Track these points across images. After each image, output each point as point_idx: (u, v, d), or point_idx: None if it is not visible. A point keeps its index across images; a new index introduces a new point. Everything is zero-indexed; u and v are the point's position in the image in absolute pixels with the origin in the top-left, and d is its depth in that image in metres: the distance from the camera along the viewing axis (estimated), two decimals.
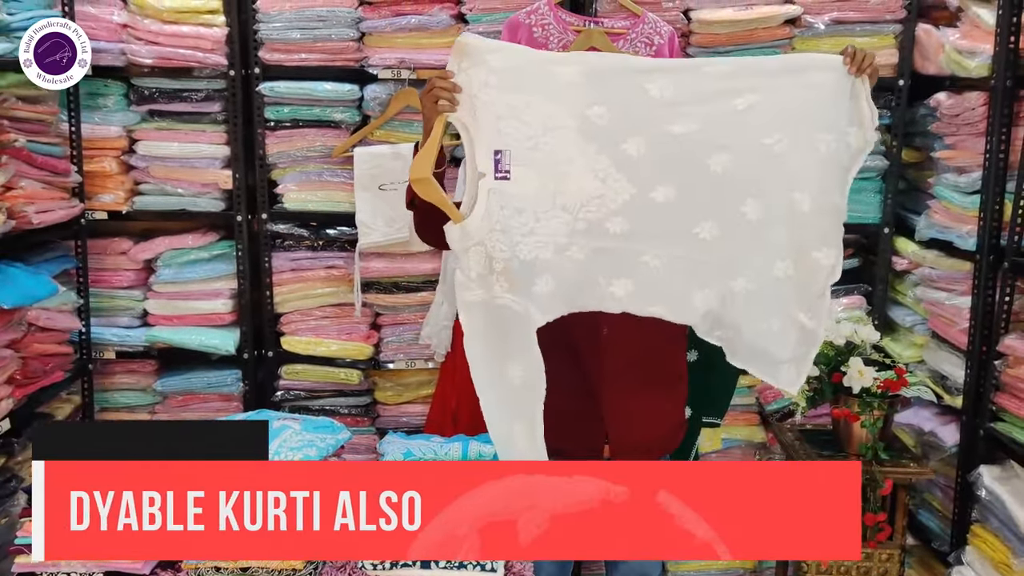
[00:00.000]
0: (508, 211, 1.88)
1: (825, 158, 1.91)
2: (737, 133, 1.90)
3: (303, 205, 3.07)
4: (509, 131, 1.88)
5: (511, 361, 1.91)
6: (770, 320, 1.97)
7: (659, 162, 1.91)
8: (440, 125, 1.86)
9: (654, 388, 2.15)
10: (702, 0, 2.90)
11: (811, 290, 1.97)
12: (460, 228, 1.87)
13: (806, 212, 1.93)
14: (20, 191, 2.61)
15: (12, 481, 2.58)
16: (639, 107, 1.89)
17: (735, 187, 1.92)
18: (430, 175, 1.82)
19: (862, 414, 2.48)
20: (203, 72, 2.96)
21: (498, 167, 1.88)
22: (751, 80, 1.91)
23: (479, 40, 1.88)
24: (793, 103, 1.91)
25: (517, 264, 1.89)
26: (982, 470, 2.60)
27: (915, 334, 3.01)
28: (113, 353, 3.12)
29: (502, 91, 1.87)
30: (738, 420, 3.16)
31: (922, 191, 3.03)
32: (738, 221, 1.93)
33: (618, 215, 1.92)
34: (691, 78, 1.92)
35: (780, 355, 1.99)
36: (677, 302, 1.97)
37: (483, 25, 2.92)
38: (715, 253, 1.94)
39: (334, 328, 3.13)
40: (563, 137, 1.89)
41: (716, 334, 1.99)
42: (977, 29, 2.66)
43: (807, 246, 1.95)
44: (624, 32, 2.49)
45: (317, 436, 1.99)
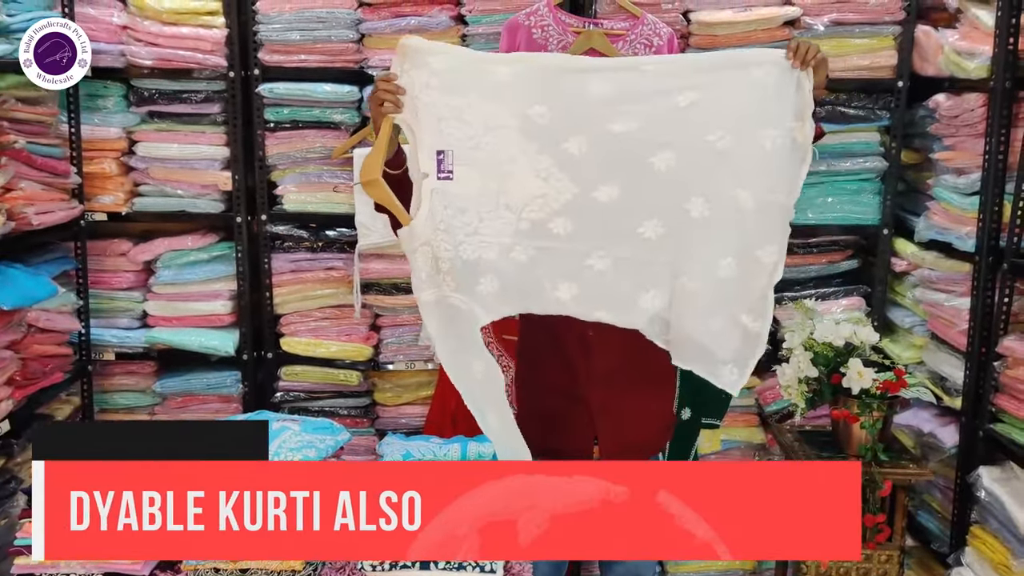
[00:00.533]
0: (451, 211, 1.90)
1: (770, 154, 1.89)
2: (679, 131, 1.90)
3: (303, 206, 3.07)
4: (451, 131, 1.90)
5: (472, 356, 1.94)
6: (713, 319, 1.95)
7: (601, 161, 1.91)
8: (387, 127, 1.88)
9: (642, 388, 2.16)
10: (701, 2, 2.91)
11: (754, 290, 1.94)
12: (408, 230, 1.89)
13: (750, 210, 1.91)
14: (20, 192, 2.61)
15: (11, 482, 2.58)
16: (580, 106, 1.90)
17: (679, 185, 1.91)
18: (378, 177, 1.85)
19: (861, 415, 2.48)
20: (203, 73, 2.96)
21: (440, 167, 1.90)
22: (693, 77, 1.90)
23: (420, 42, 1.89)
24: (736, 99, 1.89)
25: (460, 264, 1.91)
26: (981, 471, 2.60)
27: (914, 335, 3.01)
28: (112, 354, 3.13)
29: (443, 92, 1.88)
30: (737, 421, 3.16)
31: (921, 192, 3.03)
32: (682, 219, 1.92)
33: (561, 215, 1.93)
34: (632, 76, 1.91)
35: (722, 355, 1.96)
36: (622, 306, 1.97)
37: (482, 26, 2.92)
38: (660, 252, 1.94)
39: (333, 329, 3.13)
40: (505, 137, 1.91)
41: (664, 338, 1.98)
42: (976, 30, 2.66)
43: (751, 245, 1.93)
44: (623, 33, 2.49)
45: (316, 437, 1.98)
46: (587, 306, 1.97)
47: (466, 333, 1.95)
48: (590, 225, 1.93)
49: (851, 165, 2.98)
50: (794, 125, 1.88)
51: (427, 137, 1.89)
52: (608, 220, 1.93)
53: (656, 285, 1.96)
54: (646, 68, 1.93)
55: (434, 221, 1.89)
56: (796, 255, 3.10)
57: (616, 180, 1.92)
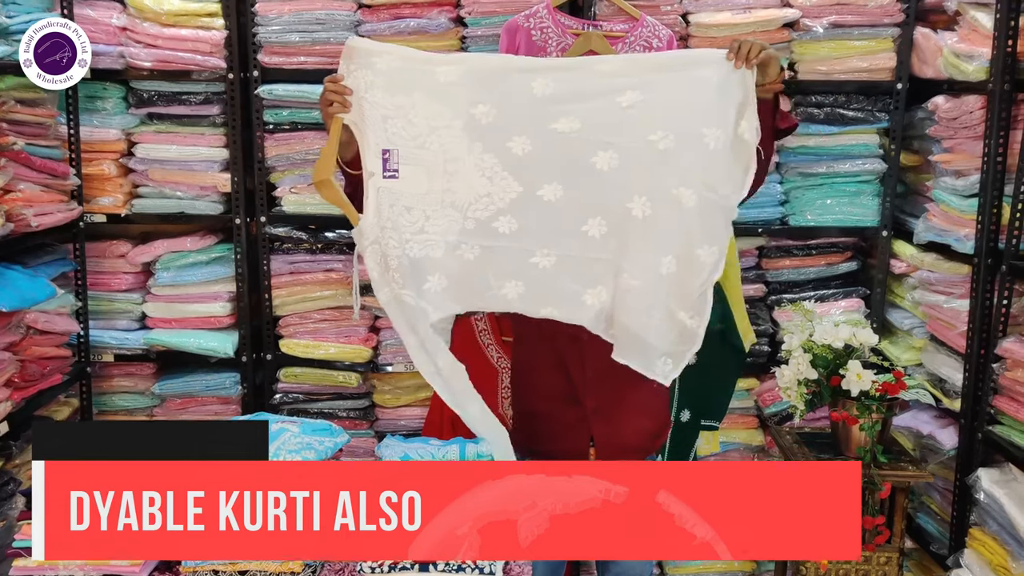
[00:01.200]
0: (397, 209, 1.93)
1: (713, 153, 1.91)
2: (621, 130, 1.92)
3: (302, 208, 3.07)
4: (396, 130, 1.92)
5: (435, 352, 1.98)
6: (652, 315, 1.98)
7: (545, 160, 1.94)
8: (336, 127, 1.90)
9: (637, 390, 2.16)
10: (700, 4, 2.91)
11: (693, 288, 1.97)
12: (358, 229, 1.93)
13: (691, 208, 1.94)
14: (19, 194, 2.61)
15: (10, 484, 2.57)
16: (523, 105, 1.92)
17: (621, 184, 1.94)
18: (329, 177, 1.89)
19: (861, 417, 2.48)
20: (202, 75, 2.96)
21: (386, 166, 1.92)
22: (635, 77, 1.93)
23: (365, 42, 1.93)
24: (678, 99, 1.92)
25: (408, 262, 1.94)
26: (980, 473, 2.59)
27: (913, 337, 3.01)
28: (111, 356, 3.12)
29: (387, 92, 1.91)
30: (736, 423, 3.16)
31: (920, 194, 3.03)
32: (625, 218, 1.95)
33: (506, 214, 1.95)
34: (574, 76, 1.94)
35: (658, 347, 1.99)
36: (568, 302, 2.00)
37: (482, 28, 2.92)
38: (603, 250, 1.97)
39: (332, 331, 3.13)
40: (450, 136, 1.93)
41: (610, 332, 2.01)
42: (975, 33, 2.66)
43: (691, 243, 1.96)
44: (623, 35, 2.49)
45: (315, 439, 1.98)
46: (533, 303, 2.00)
47: (421, 330, 1.97)
48: (535, 224, 1.96)
49: (850, 167, 2.99)
50: (740, 123, 1.91)
51: (372, 136, 1.92)
52: (552, 219, 1.96)
53: (600, 282, 1.99)
54: (593, 68, 1.96)
55: (381, 219, 1.92)
56: (795, 257, 3.10)
57: (560, 179, 1.95)
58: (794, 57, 2.93)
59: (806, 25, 2.90)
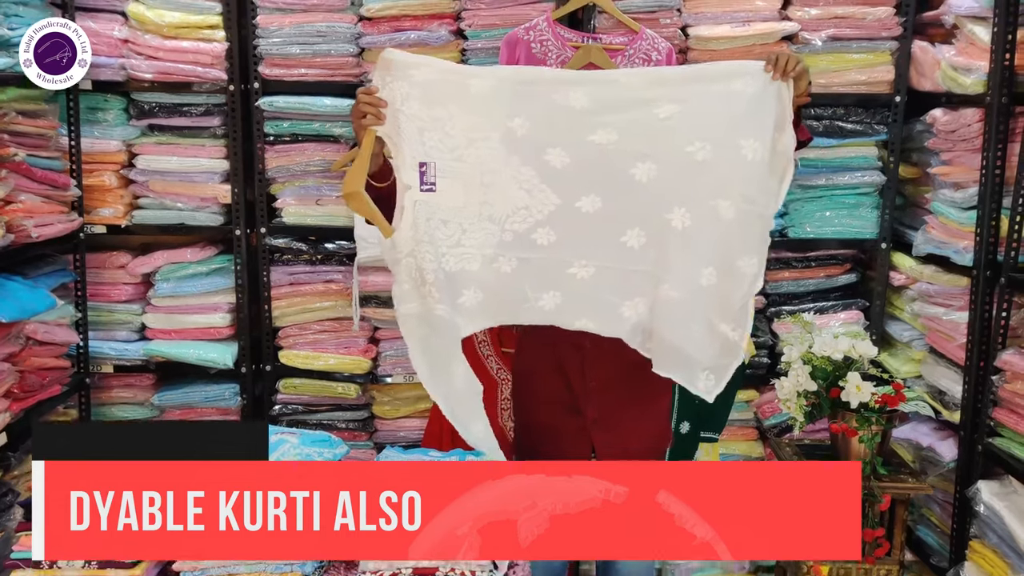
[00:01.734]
0: (434, 222, 1.92)
1: (751, 165, 1.91)
2: (659, 142, 1.92)
3: (302, 219, 3.07)
4: (433, 143, 1.91)
5: (451, 368, 1.95)
6: (693, 327, 1.98)
7: (583, 172, 1.93)
8: (369, 139, 1.88)
9: (638, 399, 2.16)
10: (700, 17, 2.92)
11: (734, 299, 1.97)
12: (390, 241, 1.90)
13: (730, 220, 1.93)
14: (19, 205, 2.62)
15: (8, 495, 2.57)
16: (560, 118, 1.92)
17: (660, 195, 1.93)
18: (360, 190, 1.86)
19: (860, 429, 2.48)
20: (203, 87, 2.97)
21: (423, 179, 1.91)
22: (672, 89, 1.92)
23: (401, 54, 1.91)
24: (715, 111, 1.91)
25: (443, 276, 1.92)
26: (980, 485, 2.59)
27: (913, 349, 3.01)
28: (111, 367, 3.12)
29: (424, 104, 1.90)
30: (736, 435, 3.16)
31: (919, 206, 3.04)
32: (664, 229, 1.94)
33: (544, 226, 1.94)
34: (611, 88, 1.93)
35: (701, 362, 1.99)
36: (605, 314, 1.99)
37: (482, 41, 2.93)
38: (642, 261, 1.96)
39: (332, 342, 3.13)
40: (486, 149, 1.92)
41: (647, 346, 2.00)
42: (973, 46, 2.67)
43: (731, 254, 1.95)
44: (622, 48, 2.50)
45: (315, 450, 1.98)
46: (570, 315, 1.99)
47: (448, 345, 1.96)
48: (573, 235, 1.95)
49: (849, 179, 2.99)
50: (776, 136, 1.90)
51: (409, 149, 1.90)
52: (591, 230, 1.95)
53: (638, 293, 1.98)
54: (627, 81, 1.95)
55: (417, 233, 1.90)
56: (795, 269, 3.10)
57: (598, 191, 1.94)
58: None
59: (805, 38, 2.91)
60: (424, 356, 1.97)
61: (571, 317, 1.99)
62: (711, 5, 2.92)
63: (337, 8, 2.95)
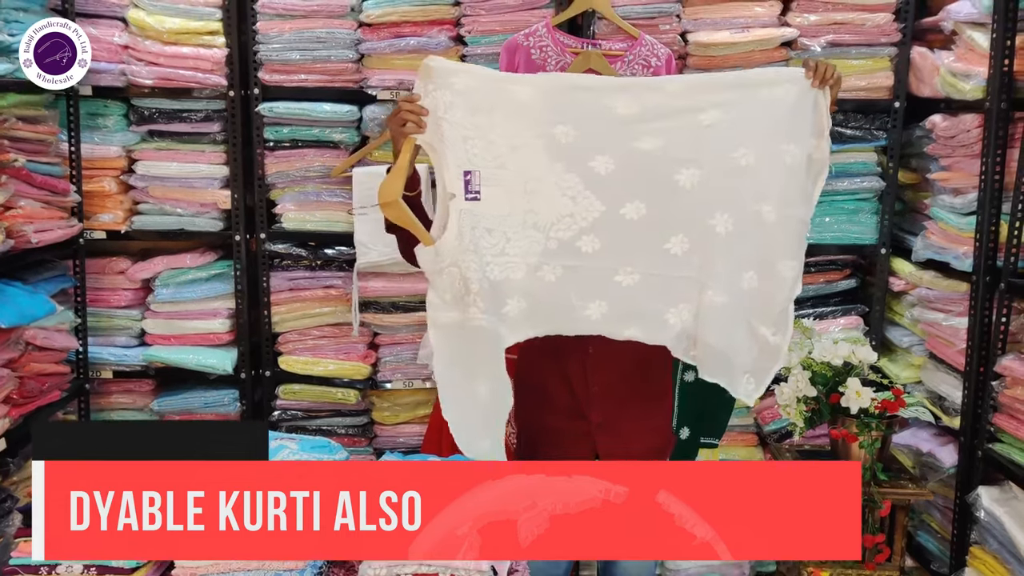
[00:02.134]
0: (479, 231, 1.90)
1: (791, 169, 1.93)
2: (704, 148, 1.92)
3: (301, 225, 3.07)
4: (477, 151, 1.89)
5: (480, 380, 1.93)
6: (736, 331, 1.98)
7: (627, 179, 1.92)
8: (408, 148, 1.87)
9: (641, 404, 2.16)
10: (699, 23, 2.93)
11: (775, 302, 1.99)
12: (432, 250, 1.88)
13: (772, 224, 1.94)
14: (19, 210, 2.62)
15: (7, 501, 2.56)
16: (605, 125, 1.91)
17: (704, 201, 1.94)
18: (398, 198, 1.84)
19: (860, 435, 2.47)
20: (203, 93, 2.98)
21: (468, 188, 1.89)
22: (715, 95, 1.93)
23: (443, 61, 1.89)
24: (758, 116, 1.93)
25: (488, 285, 1.90)
26: (981, 491, 2.59)
27: (912, 355, 3.01)
28: (110, 372, 3.12)
29: (467, 112, 1.88)
30: (736, 441, 3.15)
31: (918, 212, 3.04)
32: (707, 234, 1.95)
33: (589, 233, 1.93)
34: (655, 95, 1.93)
35: (742, 365, 2.00)
36: (651, 322, 1.98)
37: (481, 47, 2.94)
38: (686, 267, 1.96)
39: (332, 348, 3.13)
40: (530, 156, 1.91)
41: (691, 353, 2.01)
42: (972, 52, 2.68)
43: (772, 258, 1.97)
44: (622, 54, 2.50)
45: (314, 456, 1.98)
46: (617, 324, 1.98)
47: (484, 355, 1.93)
48: (618, 242, 1.94)
49: (849, 185, 2.99)
50: (812, 142, 1.93)
51: (453, 157, 1.88)
52: (635, 237, 1.94)
53: (683, 300, 1.98)
54: (670, 87, 1.96)
55: (463, 242, 1.88)
56: None
57: (642, 197, 1.93)
58: None
59: (804, 44, 2.91)
60: (453, 367, 1.94)
61: (619, 326, 1.98)
62: (710, 11, 2.92)
63: (337, 14, 2.95)
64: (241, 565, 1.65)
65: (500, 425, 1.96)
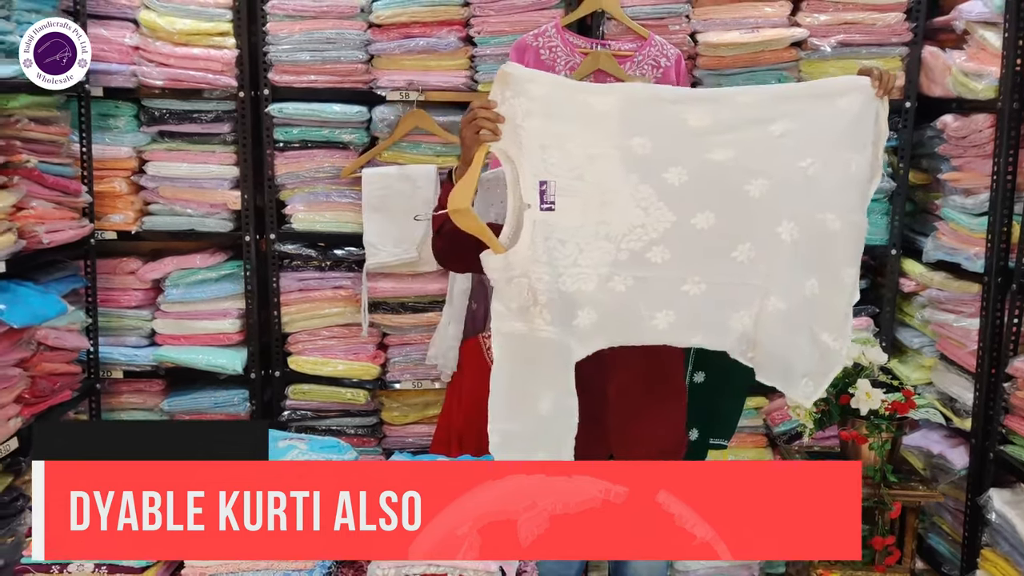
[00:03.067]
0: (552, 242, 1.89)
1: (853, 177, 1.97)
2: (773, 158, 1.95)
3: (311, 226, 3.08)
4: (554, 161, 1.88)
5: (543, 393, 1.93)
6: (797, 336, 2.01)
7: (700, 189, 1.94)
8: (481, 155, 1.85)
9: (656, 406, 2.16)
10: (708, 23, 2.92)
11: (836, 308, 2.01)
12: (503, 259, 1.87)
13: (836, 231, 1.98)
14: (31, 211, 2.63)
15: (19, 500, 2.58)
16: (679, 137, 1.93)
17: (771, 210, 1.96)
18: (469, 206, 1.82)
19: (870, 436, 2.47)
20: (213, 94, 2.98)
21: (543, 198, 1.88)
22: (785, 106, 1.96)
23: (521, 69, 1.89)
24: (824, 126, 1.96)
25: (558, 296, 1.89)
26: (992, 493, 2.58)
27: (923, 356, 2.99)
28: (121, 372, 3.13)
29: (546, 120, 1.87)
30: (745, 442, 3.14)
31: (929, 213, 3.03)
32: (773, 242, 1.97)
33: (659, 244, 1.94)
34: (727, 107, 1.96)
35: (802, 368, 2.03)
36: (714, 329, 2.00)
37: (491, 47, 2.94)
38: (752, 275, 1.98)
39: (341, 348, 3.13)
40: (606, 167, 1.91)
41: (749, 355, 2.02)
42: (983, 52, 2.67)
43: (833, 265, 2.00)
44: (631, 54, 2.51)
45: (323, 456, 1.98)
46: (684, 332, 1.99)
47: (549, 368, 1.93)
48: (686, 252, 1.96)
49: None
50: (871, 150, 1.97)
51: (529, 166, 1.87)
52: (704, 246, 1.96)
53: (745, 305, 1.99)
54: (740, 99, 1.98)
55: (535, 252, 1.87)
56: None
57: (712, 207, 1.95)
58: (802, 76, 2.94)
59: (814, 44, 2.91)
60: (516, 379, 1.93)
61: (685, 335, 2.00)
62: (720, 11, 2.92)
63: (346, 15, 2.96)
64: (250, 565, 1.65)
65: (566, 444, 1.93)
